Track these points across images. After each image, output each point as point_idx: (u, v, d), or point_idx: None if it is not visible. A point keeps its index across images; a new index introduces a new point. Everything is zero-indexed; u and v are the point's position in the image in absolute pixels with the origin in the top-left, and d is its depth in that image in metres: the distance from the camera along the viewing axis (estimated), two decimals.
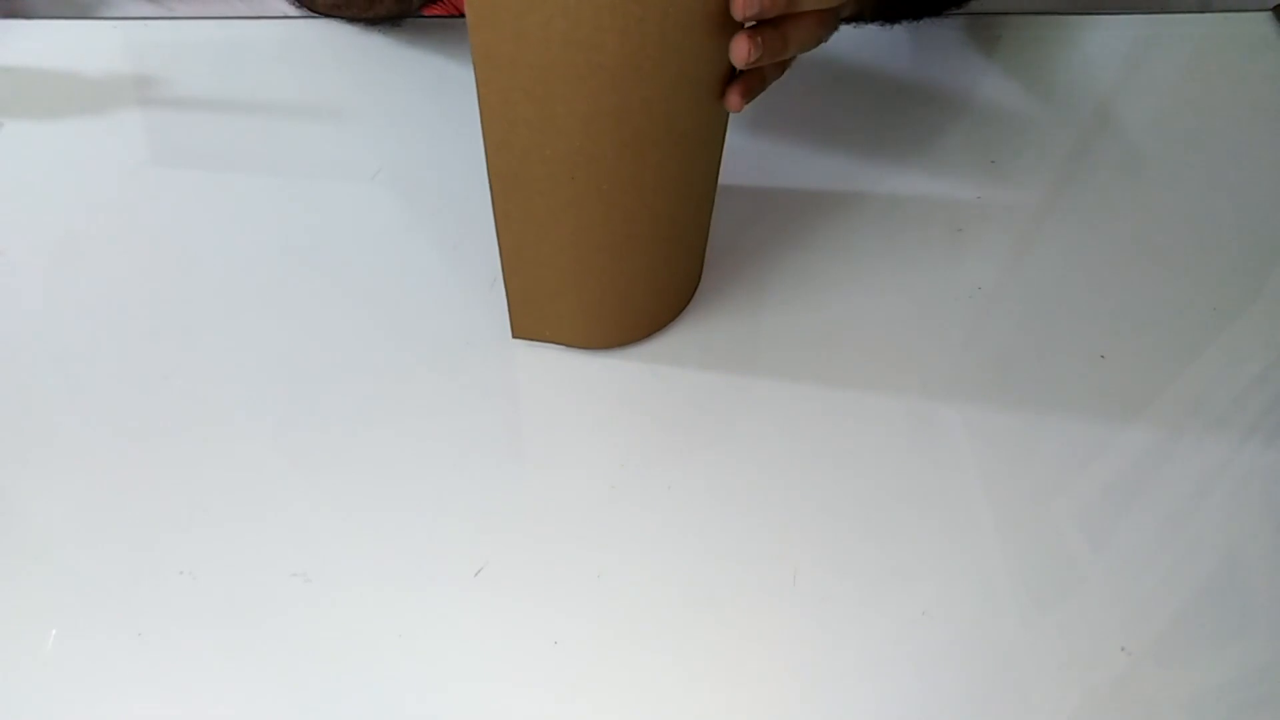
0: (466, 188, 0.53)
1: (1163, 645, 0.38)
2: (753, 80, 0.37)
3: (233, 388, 0.45)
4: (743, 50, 0.34)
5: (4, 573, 0.40)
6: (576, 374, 0.46)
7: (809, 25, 0.36)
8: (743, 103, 0.36)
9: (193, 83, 0.59)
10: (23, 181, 0.54)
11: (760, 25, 0.34)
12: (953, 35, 0.62)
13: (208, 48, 0.61)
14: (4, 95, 0.59)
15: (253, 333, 0.47)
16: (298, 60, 0.61)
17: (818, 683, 0.37)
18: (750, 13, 0.32)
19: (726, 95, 0.36)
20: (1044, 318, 0.48)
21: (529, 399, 0.45)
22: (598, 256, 0.40)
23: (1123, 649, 0.38)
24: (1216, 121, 0.57)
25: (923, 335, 0.47)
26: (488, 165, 0.37)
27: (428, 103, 0.58)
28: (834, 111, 0.57)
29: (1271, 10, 0.62)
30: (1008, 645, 0.38)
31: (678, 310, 0.48)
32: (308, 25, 0.63)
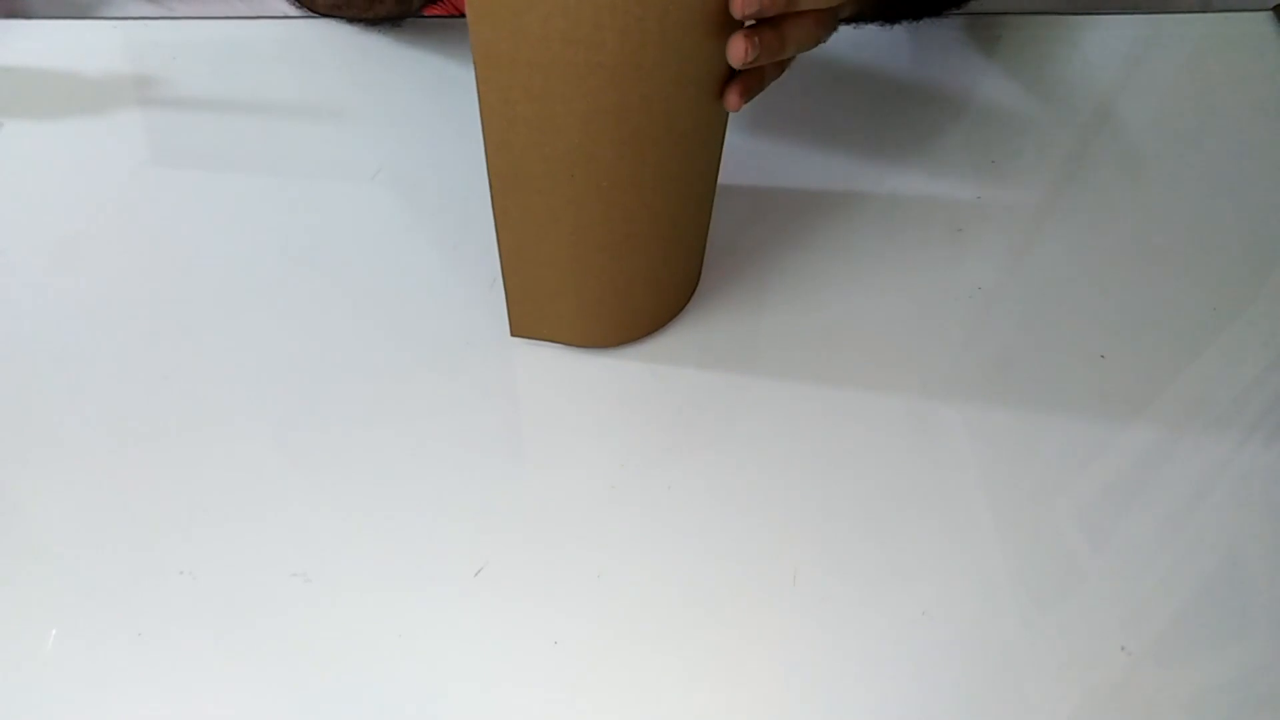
0: (466, 188, 0.53)
1: (1163, 645, 0.38)
2: (751, 80, 0.37)
3: (232, 388, 0.45)
4: (740, 50, 0.34)
5: (4, 573, 0.40)
6: (576, 374, 0.46)
7: (808, 25, 0.36)
8: (741, 102, 0.36)
9: (193, 83, 0.59)
10: (23, 181, 0.54)
11: (759, 25, 0.34)
12: (953, 35, 0.62)
13: (208, 48, 0.61)
14: (4, 95, 0.59)
15: (252, 332, 0.47)
16: (298, 60, 0.61)
17: (818, 683, 0.37)
18: (749, 12, 0.32)
19: (725, 95, 0.36)
20: (1044, 318, 0.48)
21: (529, 399, 0.45)
22: (597, 255, 0.40)
23: (1123, 649, 0.38)
24: (1216, 121, 0.57)
25: (923, 335, 0.47)
26: (487, 164, 0.37)
27: (428, 103, 0.58)
28: (834, 111, 0.57)
29: (1271, 10, 0.62)
30: (1008, 645, 0.38)
31: (677, 310, 0.48)
32: (308, 25, 0.63)
